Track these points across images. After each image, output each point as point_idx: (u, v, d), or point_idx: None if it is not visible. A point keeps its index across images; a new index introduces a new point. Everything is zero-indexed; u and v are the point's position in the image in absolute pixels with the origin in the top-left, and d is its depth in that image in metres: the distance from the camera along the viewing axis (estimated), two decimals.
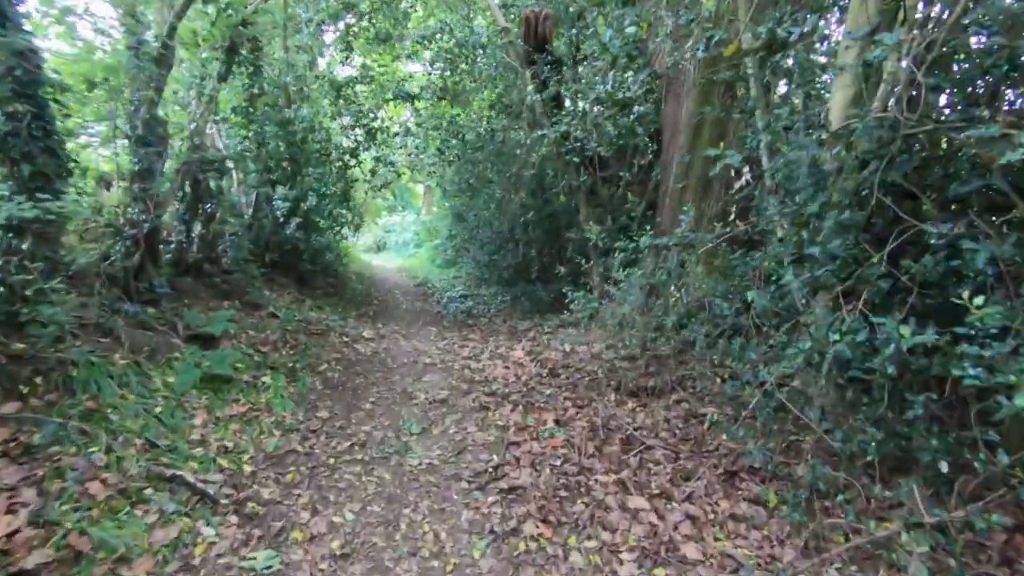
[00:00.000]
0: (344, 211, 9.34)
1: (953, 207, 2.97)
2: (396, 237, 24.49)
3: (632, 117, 5.27)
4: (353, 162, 8.57)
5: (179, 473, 2.71)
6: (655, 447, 3.84)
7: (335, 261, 9.11)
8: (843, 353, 2.27)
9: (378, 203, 31.76)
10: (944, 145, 3.23)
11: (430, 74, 7.64)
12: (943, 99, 3.57)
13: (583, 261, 8.44)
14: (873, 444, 2.51)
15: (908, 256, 2.74)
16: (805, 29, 3.59)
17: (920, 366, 2.45)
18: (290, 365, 4.72)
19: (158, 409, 3.26)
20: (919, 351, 2.40)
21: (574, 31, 7.99)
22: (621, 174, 8.28)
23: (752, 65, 4.33)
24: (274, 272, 7.22)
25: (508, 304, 9.36)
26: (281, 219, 7.10)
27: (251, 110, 5.70)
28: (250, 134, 6.61)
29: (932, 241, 2.49)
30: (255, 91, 5.54)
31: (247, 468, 3.07)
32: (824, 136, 3.54)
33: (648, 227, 7.86)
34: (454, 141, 7.95)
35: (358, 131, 8.24)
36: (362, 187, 9.42)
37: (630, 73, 5.63)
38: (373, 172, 8.43)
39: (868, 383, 2.72)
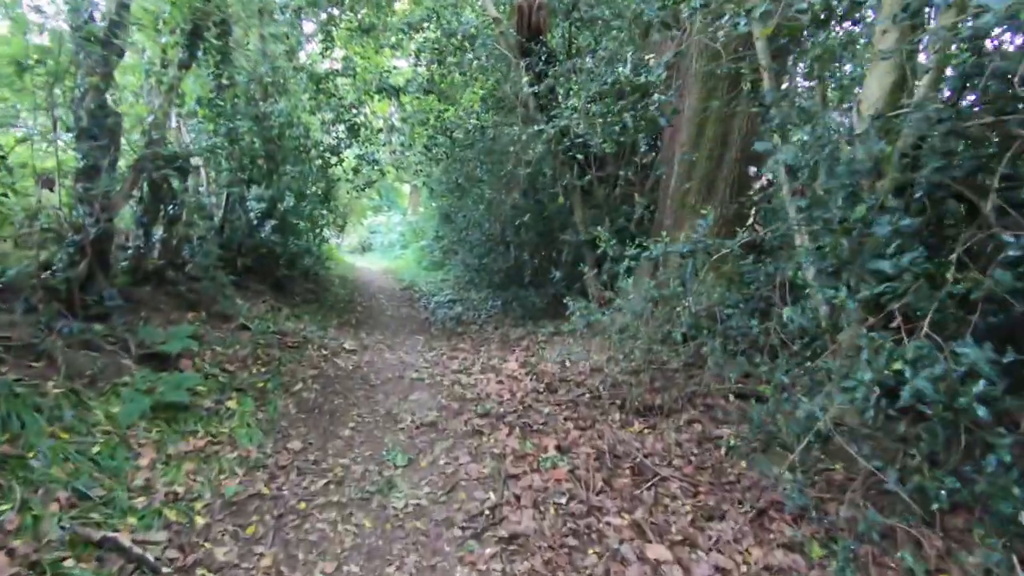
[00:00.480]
0: (325, 212, 8.81)
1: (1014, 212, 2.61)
2: (382, 238, 23.90)
3: (652, 106, 4.85)
4: (334, 160, 8.05)
5: (111, 535, 2.22)
6: (670, 478, 3.43)
7: (316, 265, 8.59)
8: (924, 391, 1.87)
9: (363, 203, 31.14)
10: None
11: (416, 66, 7.16)
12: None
13: (579, 266, 8.05)
14: (943, 492, 2.12)
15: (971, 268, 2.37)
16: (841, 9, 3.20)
17: (990, 394, 2.07)
18: (260, 385, 4.22)
19: (95, 449, 2.76)
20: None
21: (568, 23, 7.59)
22: (619, 173, 7.90)
23: (764, 53, 3.95)
24: (248, 278, 6.69)
25: (499, 310, 8.92)
26: (255, 221, 6.57)
27: (219, 102, 5.18)
28: (221, 129, 6.08)
29: (1012, 252, 2.10)
30: (223, 81, 5.02)
31: (200, 520, 2.58)
32: (858, 130, 3.16)
33: (646, 230, 7.50)
34: (441, 138, 7.48)
35: (339, 127, 7.73)
36: (345, 186, 8.90)
37: (651, 56, 5.23)
38: (356, 171, 7.93)
39: (923, 415, 2.35)
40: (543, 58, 6.86)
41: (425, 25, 6.60)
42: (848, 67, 4.38)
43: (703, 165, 6.41)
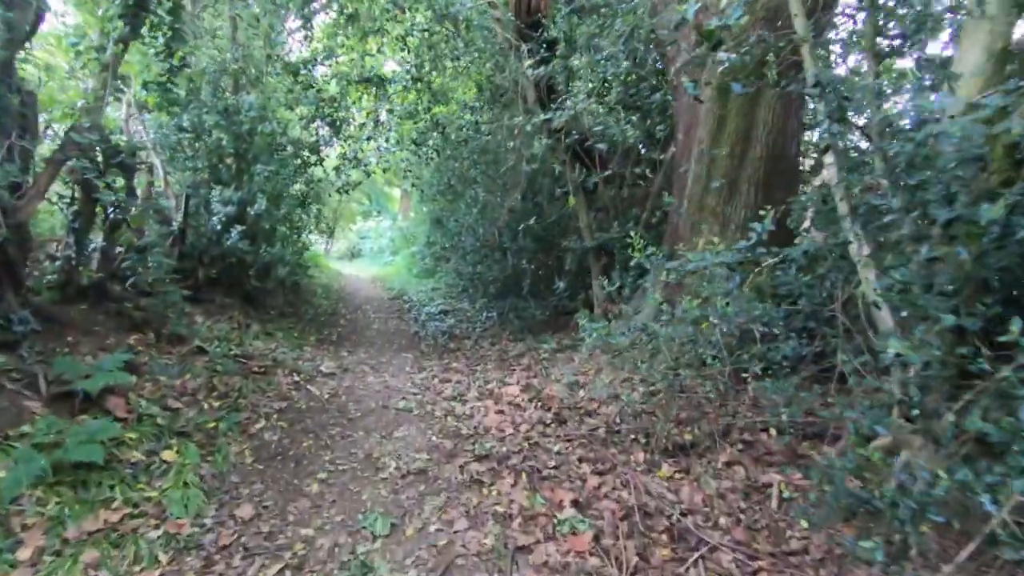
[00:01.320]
0: (305, 216, 8.05)
1: None
2: (371, 244, 23.10)
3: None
4: (314, 159, 7.31)
5: None
6: (720, 547, 2.72)
7: (293, 274, 7.82)
8: None
9: (353, 208, 30.36)
10: None
11: (403, 53, 6.43)
12: None
13: (585, 275, 7.37)
14: None
15: None
16: None
17: None
18: (211, 426, 3.46)
19: None
20: None
21: (569, 10, 6.94)
22: (627, 172, 7.22)
23: (803, 25, 3.28)
24: (213, 291, 5.92)
25: (495, 322, 8.20)
26: (221, 226, 5.81)
27: (171, 87, 4.44)
28: (180, 120, 5.34)
29: None
30: (175, 63, 4.28)
31: None
32: (952, 111, 2.49)
33: (658, 234, 6.83)
34: (434, 134, 6.76)
35: (319, 123, 7.00)
36: (330, 189, 8.15)
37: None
38: (337, 170, 7.19)
39: None
40: (544, 45, 6.19)
41: (415, 6, 5.89)
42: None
43: (724, 163, 5.77)
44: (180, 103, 4.99)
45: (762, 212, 2.91)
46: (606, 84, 6.11)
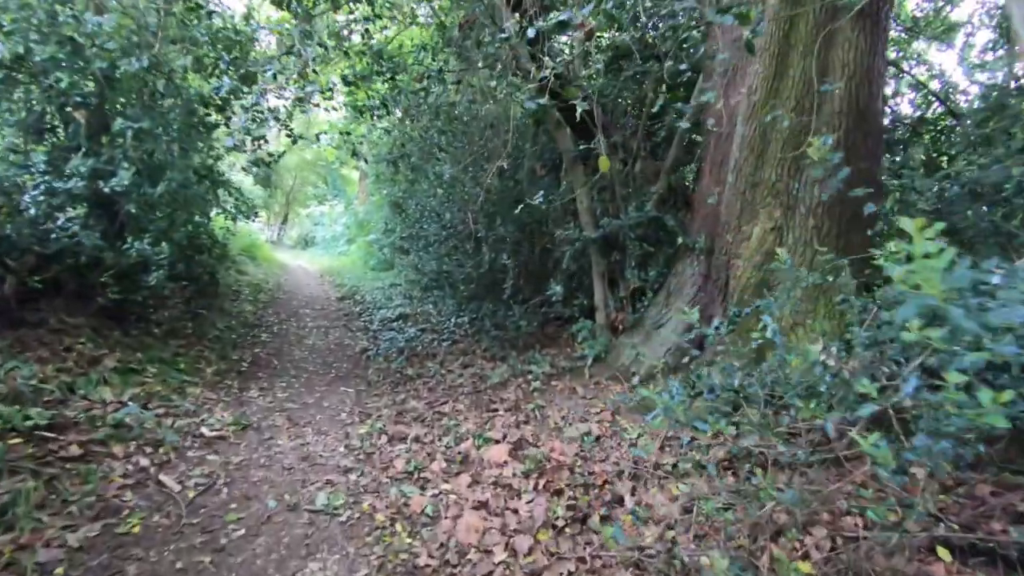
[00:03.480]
0: (212, 196, 6.02)
1: None
2: (325, 231, 20.78)
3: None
4: (214, 115, 5.28)
5: None
6: None
7: (194, 275, 5.81)
8: None
9: (307, 191, 27.77)
10: None
11: None
12: None
13: (579, 274, 5.67)
14: None
15: None
16: None
17: None
18: None
19: None
20: None
21: None
22: (642, 140, 5.52)
23: None
24: (43, 309, 3.93)
25: (467, 332, 6.45)
26: (52, 211, 3.82)
27: None
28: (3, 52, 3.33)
29: None
30: None
31: None
32: None
33: (677, 219, 5.20)
34: (379, 74, 4.79)
35: (217, 61, 4.96)
36: (240, 161, 6.09)
37: None
38: (248, 133, 5.17)
39: None
40: None
41: None
42: None
43: (787, 120, 4.18)
44: None
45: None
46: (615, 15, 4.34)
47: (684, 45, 4.90)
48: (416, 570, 2.36)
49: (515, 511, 2.82)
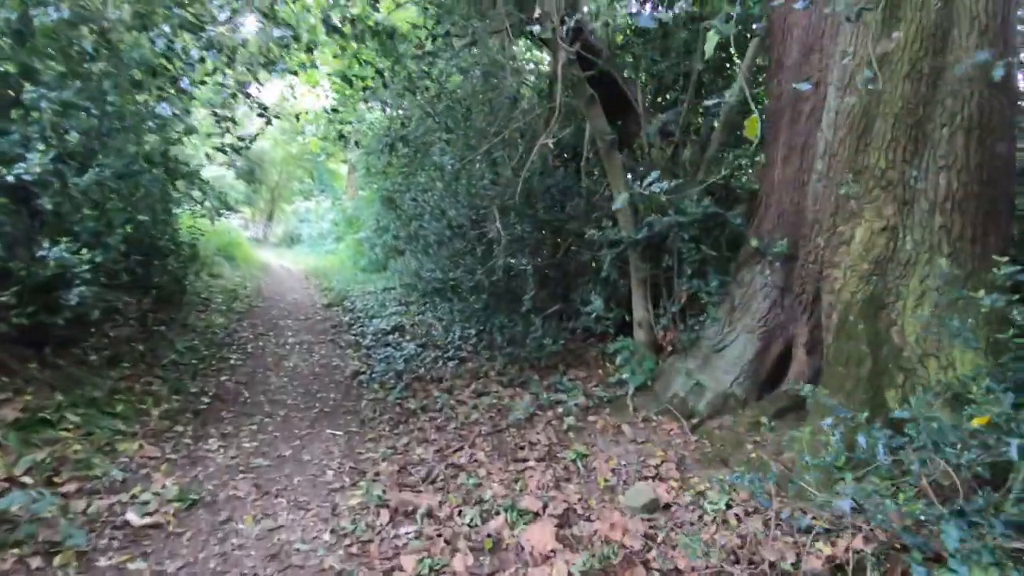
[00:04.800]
0: (170, 189, 4.97)
1: None
2: (311, 229, 19.63)
3: None
4: (173, 91, 4.25)
5: None
6: None
7: (155, 282, 4.78)
8: None
9: (293, 186, 26.48)
10: None
11: None
12: None
13: (616, 283, 4.68)
14: None
15: None
16: None
17: None
18: None
19: None
20: None
21: None
22: (684, 119, 4.56)
23: None
24: None
25: (476, 349, 5.50)
26: None
27: None
28: None
29: None
30: None
31: None
32: None
33: (735, 213, 4.27)
34: (366, 47, 3.79)
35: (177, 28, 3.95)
36: (204, 147, 5.03)
37: None
38: (215, 116, 4.16)
39: None
40: None
41: None
42: None
43: (899, 90, 3.30)
44: None
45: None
46: None
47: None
48: None
49: None
